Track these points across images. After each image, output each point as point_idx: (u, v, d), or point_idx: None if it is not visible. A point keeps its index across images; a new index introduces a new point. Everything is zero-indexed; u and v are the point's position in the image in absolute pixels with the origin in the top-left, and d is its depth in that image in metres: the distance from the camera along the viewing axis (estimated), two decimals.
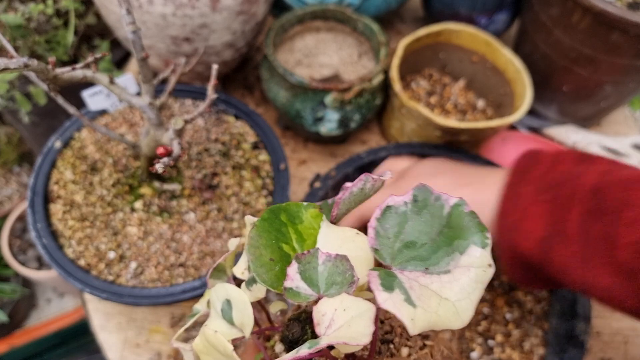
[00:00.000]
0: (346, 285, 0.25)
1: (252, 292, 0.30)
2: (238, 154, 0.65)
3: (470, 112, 0.73)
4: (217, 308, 0.30)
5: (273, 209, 0.28)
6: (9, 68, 0.34)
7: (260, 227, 0.28)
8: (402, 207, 0.26)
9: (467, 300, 0.24)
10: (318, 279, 0.26)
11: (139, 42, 0.41)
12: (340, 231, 0.28)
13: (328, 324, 0.23)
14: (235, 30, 0.63)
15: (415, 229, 0.26)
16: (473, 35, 0.71)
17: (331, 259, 0.26)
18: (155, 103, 0.47)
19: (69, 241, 0.57)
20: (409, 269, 0.25)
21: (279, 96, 0.66)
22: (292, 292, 0.25)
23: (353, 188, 0.28)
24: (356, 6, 0.76)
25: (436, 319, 0.23)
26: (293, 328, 0.29)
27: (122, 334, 0.59)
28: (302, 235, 0.28)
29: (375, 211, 0.26)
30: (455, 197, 0.26)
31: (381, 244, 0.25)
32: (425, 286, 0.24)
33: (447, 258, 0.25)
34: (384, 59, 0.66)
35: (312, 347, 0.22)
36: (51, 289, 1.20)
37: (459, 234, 0.25)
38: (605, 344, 0.60)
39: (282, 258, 0.27)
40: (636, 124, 0.83)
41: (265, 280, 0.26)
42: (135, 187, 0.61)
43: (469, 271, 0.24)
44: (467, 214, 0.26)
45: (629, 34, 0.57)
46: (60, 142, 0.64)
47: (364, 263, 0.26)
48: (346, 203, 0.28)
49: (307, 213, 0.29)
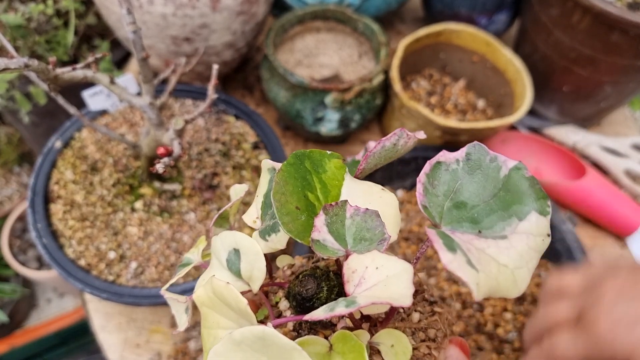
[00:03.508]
0: (376, 243, 0.23)
1: (269, 242, 0.27)
2: (238, 154, 0.65)
3: (470, 112, 0.73)
4: (222, 258, 0.27)
5: (297, 154, 0.26)
6: (9, 68, 0.34)
7: (287, 172, 0.25)
8: (453, 164, 0.25)
9: (524, 269, 0.22)
10: (345, 233, 0.24)
11: (139, 42, 0.41)
12: (366, 186, 0.26)
13: (358, 282, 0.22)
14: (235, 30, 0.63)
15: (468, 189, 0.24)
16: (473, 35, 0.71)
17: (359, 213, 0.24)
18: (156, 103, 0.47)
19: (69, 241, 0.57)
20: (461, 231, 0.23)
21: (279, 96, 0.66)
22: (320, 245, 0.24)
23: (386, 142, 0.26)
24: (356, 6, 0.76)
25: (496, 286, 0.22)
26: (307, 284, 0.26)
27: (122, 334, 0.59)
28: (327, 186, 0.26)
29: (425, 166, 0.25)
30: (514, 160, 0.25)
31: (430, 202, 0.24)
32: (481, 250, 0.22)
33: (503, 223, 0.23)
34: (384, 59, 0.66)
35: (349, 305, 0.20)
36: (51, 289, 1.20)
37: (517, 199, 0.24)
38: None
39: (308, 208, 0.25)
40: (636, 124, 0.83)
41: (291, 230, 0.24)
42: (135, 187, 0.61)
43: (527, 238, 0.23)
44: (527, 179, 0.24)
45: (629, 34, 0.57)
46: (61, 142, 0.64)
47: (392, 221, 0.25)
48: (376, 157, 0.27)
49: (330, 163, 0.27)
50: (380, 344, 0.25)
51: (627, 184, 0.71)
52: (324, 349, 0.24)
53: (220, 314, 0.25)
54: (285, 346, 0.20)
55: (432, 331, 0.28)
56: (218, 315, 0.25)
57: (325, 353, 0.24)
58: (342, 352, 0.23)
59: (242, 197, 0.31)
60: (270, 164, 0.29)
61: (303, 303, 0.26)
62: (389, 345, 0.25)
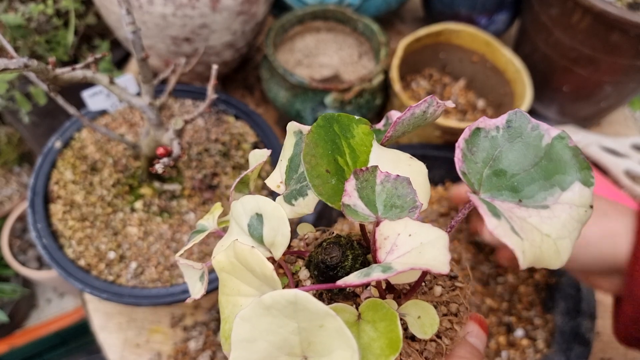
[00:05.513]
0: (407, 210, 0.23)
1: (296, 207, 0.26)
2: (238, 154, 0.65)
3: (470, 112, 0.73)
4: (243, 223, 0.26)
5: (327, 117, 0.26)
6: (9, 68, 0.34)
7: (317, 134, 0.25)
8: (493, 131, 0.24)
9: (567, 239, 0.22)
10: (376, 199, 0.23)
11: (139, 42, 0.41)
12: (394, 153, 0.26)
13: (390, 249, 0.21)
14: (235, 30, 0.63)
15: (507, 157, 0.24)
16: (473, 35, 0.71)
17: (390, 179, 0.23)
18: (155, 103, 0.47)
19: (69, 241, 0.57)
20: (501, 199, 0.23)
21: (279, 96, 0.66)
22: (351, 210, 0.23)
23: (416, 109, 0.26)
24: (356, 6, 0.76)
25: (539, 255, 0.21)
26: (332, 252, 0.25)
27: (122, 334, 0.59)
28: (355, 151, 0.26)
29: (464, 131, 0.24)
30: (557, 129, 0.24)
31: (469, 168, 0.23)
32: (522, 219, 0.22)
33: (544, 192, 0.23)
34: (384, 59, 0.66)
35: (386, 271, 0.20)
36: (51, 289, 1.20)
37: (560, 169, 0.23)
38: (605, 344, 0.60)
39: (338, 172, 0.24)
40: (636, 124, 0.83)
41: (322, 193, 0.24)
42: (135, 187, 0.61)
43: (570, 209, 0.23)
44: (571, 148, 0.24)
45: (629, 34, 0.57)
46: (61, 142, 0.64)
47: (422, 189, 0.24)
48: (405, 125, 0.26)
49: (358, 128, 0.26)
50: (406, 315, 0.25)
51: (627, 184, 0.71)
52: (353, 317, 0.23)
53: (241, 280, 0.24)
54: (318, 312, 0.20)
55: (454, 305, 0.27)
56: (238, 282, 0.24)
57: (353, 322, 0.23)
58: (373, 320, 0.23)
59: (264, 162, 0.30)
60: (296, 127, 0.28)
61: (327, 272, 0.25)
62: (415, 317, 0.24)
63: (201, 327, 0.60)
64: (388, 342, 0.22)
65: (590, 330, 0.52)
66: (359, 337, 0.22)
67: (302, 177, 0.27)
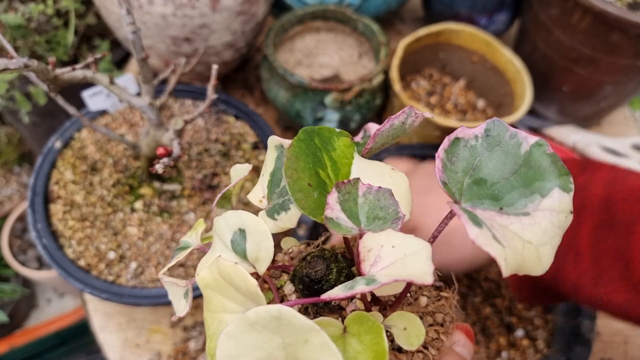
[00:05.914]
0: (390, 222, 0.23)
1: (279, 221, 0.26)
2: (238, 154, 0.65)
3: (470, 112, 0.73)
4: (226, 238, 0.26)
5: (307, 130, 0.26)
6: (9, 68, 0.34)
7: (298, 148, 0.25)
8: (472, 140, 0.24)
9: (548, 246, 0.22)
10: (358, 211, 0.24)
11: (139, 42, 0.41)
12: (376, 165, 0.26)
13: (374, 261, 0.22)
14: (235, 30, 0.63)
15: (487, 165, 0.24)
16: (473, 35, 0.71)
17: (372, 191, 0.24)
18: (155, 103, 0.47)
19: (69, 241, 0.57)
20: (482, 208, 0.23)
21: (279, 96, 0.66)
22: (334, 223, 0.23)
23: (395, 121, 0.26)
24: (356, 6, 0.76)
25: (522, 262, 0.21)
26: (317, 266, 0.25)
27: (122, 334, 0.59)
28: (337, 164, 0.26)
29: (444, 142, 0.24)
30: (535, 137, 0.24)
31: (449, 178, 0.24)
32: (504, 227, 0.22)
33: (525, 200, 0.23)
34: (384, 59, 0.66)
35: (370, 283, 0.20)
36: (51, 289, 1.20)
37: (539, 176, 0.24)
38: (605, 344, 0.60)
39: (320, 185, 0.25)
40: (636, 124, 0.83)
41: (304, 207, 0.24)
42: (135, 188, 0.61)
43: (551, 215, 0.23)
44: (549, 155, 0.24)
45: (629, 34, 0.57)
46: (61, 142, 0.64)
47: (404, 200, 0.24)
48: (384, 136, 0.26)
49: (339, 141, 0.26)
50: (392, 327, 0.25)
51: None
52: (338, 331, 0.23)
53: (225, 296, 0.24)
54: (302, 326, 0.19)
55: (439, 315, 0.27)
56: (223, 298, 0.24)
57: (339, 335, 0.23)
58: (358, 333, 0.22)
59: (245, 177, 0.30)
60: (277, 141, 0.28)
61: (311, 285, 0.25)
62: (401, 328, 0.24)
63: (201, 327, 0.60)
64: (374, 355, 0.21)
65: (591, 330, 0.52)
66: (344, 351, 0.22)
67: (284, 191, 0.27)
